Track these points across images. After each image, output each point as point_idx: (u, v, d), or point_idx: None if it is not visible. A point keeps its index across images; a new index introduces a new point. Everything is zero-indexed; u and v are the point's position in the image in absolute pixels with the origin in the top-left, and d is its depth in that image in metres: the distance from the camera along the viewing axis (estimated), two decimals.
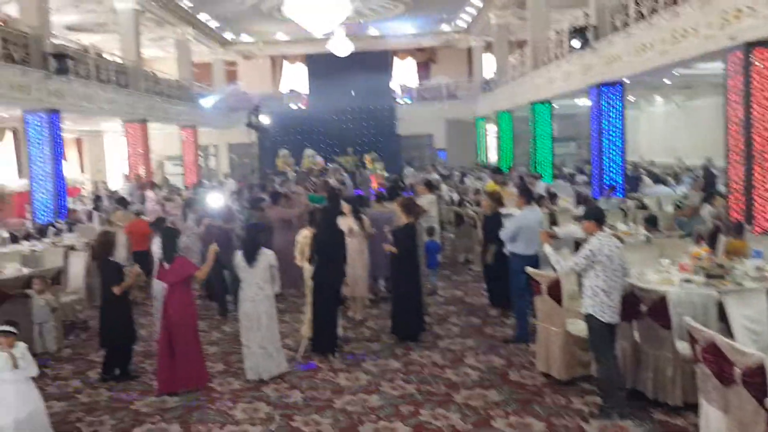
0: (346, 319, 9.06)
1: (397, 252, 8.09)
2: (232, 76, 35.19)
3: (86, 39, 27.07)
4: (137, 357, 8.16)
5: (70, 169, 28.32)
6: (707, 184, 14.91)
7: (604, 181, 16.19)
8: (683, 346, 5.58)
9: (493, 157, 32.03)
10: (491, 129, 31.52)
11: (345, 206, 9.27)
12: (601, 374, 5.81)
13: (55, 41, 17.28)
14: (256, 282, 7.06)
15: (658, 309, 5.81)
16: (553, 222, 11.56)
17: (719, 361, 4.36)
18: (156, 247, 8.46)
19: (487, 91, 28.87)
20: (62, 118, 16.75)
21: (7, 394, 5.29)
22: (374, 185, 13.99)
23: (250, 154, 33.61)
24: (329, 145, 31.94)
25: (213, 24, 28.67)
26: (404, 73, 36.45)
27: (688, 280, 6.29)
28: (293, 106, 33.19)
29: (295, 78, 36.30)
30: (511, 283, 8.44)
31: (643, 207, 13.53)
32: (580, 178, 20.95)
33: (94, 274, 9.56)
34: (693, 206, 10.33)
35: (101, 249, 7.21)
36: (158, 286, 8.32)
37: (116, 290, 7.04)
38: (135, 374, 7.46)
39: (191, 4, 25.32)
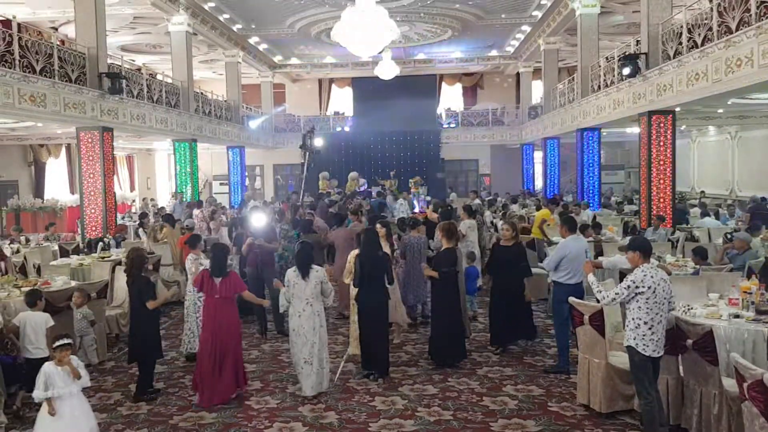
0: None
1: (438, 277, 8.09)
2: (279, 98, 35.81)
3: (140, 59, 27.95)
4: (177, 371, 8.31)
5: (120, 185, 29.10)
6: (755, 216, 14.55)
7: (653, 211, 15.94)
8: (730, 383, 5.44)
9: (538, 184, 31.83)
10: (537, 156, 31.37)
11: (380, 229, 9.35)
12: (643, 409, 5.69)
13: (110, 61, 17.85)
14: (306, 297, 7.30)
15: (705, 344, 5.69)
16: (599, 252, 11.43)
17: (767, 400, 4.25)
18: (189, 263, 8.63)
19: (534, 118, 28.78)
20: (114, 136, 17.26)
21: (74, 408, 5.51)
22: (428, 213, 14.09)
23: (294, 176, 34.13)
24: (373, 167, 32.18)
25: (262, 47, 29.27)
26: (450, 98, 36.60)
27: (736, 315, 6.15)
28: (338, 129, 33.58)
29: (341, 101, 36.79)
30: (553, 312, 8.35)
31: (693, 239, 13.26)
32: (628, 207, 20.67)
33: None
34: (744, 239, 10.09)
35: (132, 264, 7.38)
36: (191, 299, 8.52)
37: (150, 305, 7.19)
38: (154, 396, 7.40)
39: (242, 27, 25.93)
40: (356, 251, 8.33)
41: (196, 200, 20.77)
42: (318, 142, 24.92)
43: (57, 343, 5.56)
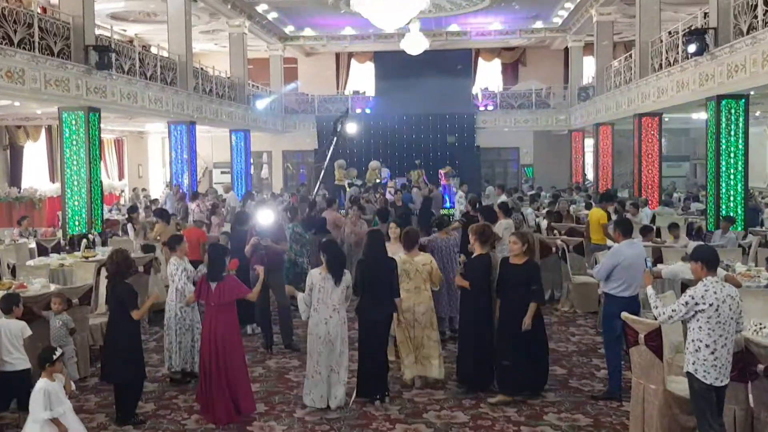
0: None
1: (469, 287, 8.08)
2: (290, 74, 35.96)
3: (132, 29, 28.15)
4: (170, 391, 8.39)
5: (108, 173, 29.38)
6: None
7: (721, 211, 15.79)
8: None
9: (590, 176, 31.66)
10: (588, 144, 31.19)
11: (393, 228, 9.37)
12: None
13: (98, 32, 18.00)
14: (333, 304, 7.57)
15: None
16: (658, 258, 11.36)
17: None
18: (171, 268, 8.68)
19: (584, 100, 28.63)
20: (102, 118, 17.45)
21: (73, 422, 5.92)
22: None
23: (307, 164, 34.28)
24: (397, 155, 32.22)
25: (272, 15, 29.35)
26: (488, 76, 36.51)
27: None
28: (358, 110, 33.66)
29: (362, 78, 36.90)
30: (603, 329, 8.31)
31: None
32: (694, 206, 20.50)
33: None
34: None
35: (116, 269, 7.42)
36: (171, 310, 8.57)
37: (135, 315, 7.27)
38: (143, 419, 7.46)
39: None
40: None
41: (194, 191, 20.93)
42: (351, 128, 24.91)
43: (57, 355, 5.96)
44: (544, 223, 16.58)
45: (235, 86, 28.00)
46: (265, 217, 10.37)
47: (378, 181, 27.69)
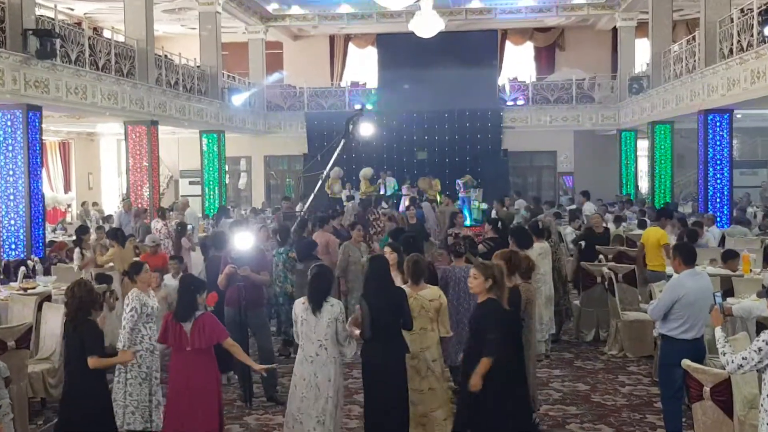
0: None
1: None
2: (275, 62, 36.17)
3: (80, 8, 28.26)
4: None
5: (52, 184, 29.49)
6: None
7: None
8: None
9: (644, 186, 31.67)
10: (642, 146, 31.23)
11: (388, 254, 9.32)
12: None
13: (38, 13, 18.11)
14: (318, 339, 7.61)
15: None
16: (728, 291, 11.32)
17: None
18: (129, 303, 8.64)
19: (637, 93, 28.68)
20: (44, 117, 17.54)
21: None
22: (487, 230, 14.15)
23: (294, 173, 34.37)
24: (405, 161, 32.26)
25: None
26: (517, 63, 36.68)
27: None
28: (356, 107, 33.74)
29: (361, 66, 37.18)
30: (660, 379, 8.33)
31: None
32: None
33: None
34: None
35: (79, 306, 7.36)
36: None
37: (92, 362, 7.17)
38: None
39: None
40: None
41: (162, 208, 20.94)
42: (366, 129, 24.77)
43: None
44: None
45: (206, 78, 28.14)
46: (243, 240, 10.41)
47: (382, 193, 27.72)
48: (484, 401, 7.16)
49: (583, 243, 15.57)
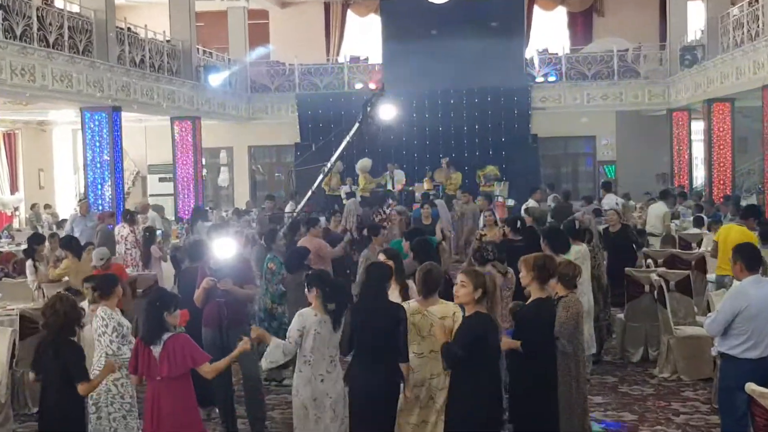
0: None
1: (523, 349, 8.09)
2: (259, 35, 36.15)
3: None
4: None
5: None
6: None
7: None
8: None
9: (700, 175, 31.58)
10: (697, 128, 31.15)
11: (384, 260, 9.37)
12: None
13: None
14: (331, 354, 7.93)
15: None
16: None
17: None
18: (100, 321, 8.64)
19: (690, 66, 28.65)
20: None
21: None
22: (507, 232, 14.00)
23: (284, 166, 34.35)
24: (415, 151, 32.16)
25: None
26: (548, 32, 36.65)
27: None
28: (357, 86, 33.72)
29: (362, 38, 37.18)
30: (720, 404, 8.35)
31: None
32: None
33: (25, 365, 9.91)
34: None
35: (60, 323, 7.44)
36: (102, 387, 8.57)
37: (85, 389, 7.36)
38: None
39: None
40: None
41: (129, 211, 20.86)
42: (387, 112, 24.55)
43: None
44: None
45: (177, 54, 28.14)
46: (224, 248, 10.40)
47: (389, 188, 27.67)
48: None
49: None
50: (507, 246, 12.09)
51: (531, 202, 21.39)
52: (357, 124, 22.78)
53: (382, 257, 9.52)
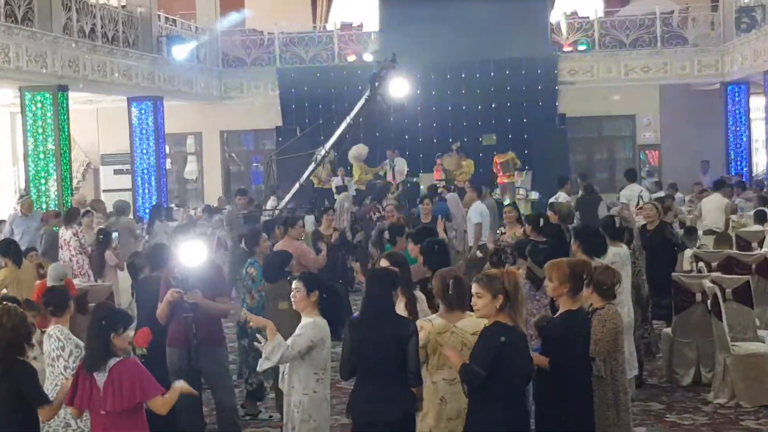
0: None
1: (552, 366, 8.08)
2: None
3: None
4: None
5: None
6: None
7: None
8: None
9: (761, 161, 31.57)
10: (757, 105, 31.13)
11: (385, 264, 9.41)
12: None
13: None
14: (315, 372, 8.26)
15: None
16: None
17: None
18: (54, 343, 8.60)
19: (748, 30, 28.65)
20: None
21: None
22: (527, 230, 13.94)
23: (265, 153, 34.29)
24: (420, 136, 32.09)
25: None
26: None
27: None
28: (350, 59, 33.66)
29: (356, 2, 37.21)
30: None
31: None
32: None
33: None
34: None
35: (9, 339, 7.43)
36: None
37: (47, 414, 7.40)
38: None
39: None
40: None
41: (71, 209, 20.84)
42: (399, 87, 24.08)
43: None
44: (685, 252, 16.51)
45: (134, 22, 28.13)
46: (192, 253, 10.36)
47: (388, 180, 27.63)
48: None
49: None
50: (529, 248, 12.05)
51: (562, 196, 21.22)
52: (362, 101, 22.52)
53: (385, 263, 9.45)
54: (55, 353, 8.43)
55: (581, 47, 33.02)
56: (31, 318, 8.66)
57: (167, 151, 30.65)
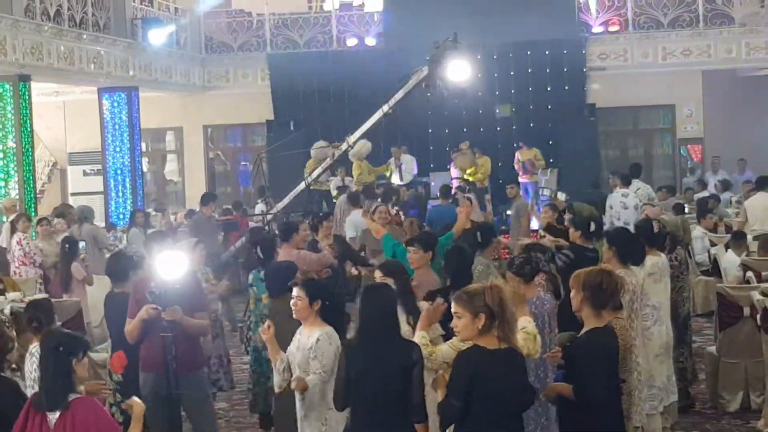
0: None
1: (576, 397, 8.07)
2: None
3: None
4: None
5: None
6: None
7: None
8: None
9: None
10: None
11: (379, 278, 9.52)
12: None
13: None
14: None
15: None
16: None
17: None
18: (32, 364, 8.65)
19: None
20: None
21: None
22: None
23: (253, 151, 34.33)
24: (431, 128, 32.10)
25: None
26: None
27: None
28: (350, 43, 33.69)
29: None
30: None
31: None
32: None
33: None
34: None
35: None
36: None
37: None
38: None
39: None
40: None
41: (23, 215, 20.84)
42: (459, 70, 23.67)
43: None
44: (732, 260, 16.47)
45: (105, 3, 28.13)
46: (171, 264, 10.35)
47: (395, 180, 27.66)
48: None
49: None
50: (577, 256, 12.02)
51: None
52: (406, 88, 22.07)
53: (378, 275, 9.45)
54: (37, 374, 8.41)
55: (613, 28, 32.98)
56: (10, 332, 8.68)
57: (143, 148, 30.66)
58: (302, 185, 22.46)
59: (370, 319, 7.95)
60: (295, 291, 8.61)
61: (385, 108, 21.30)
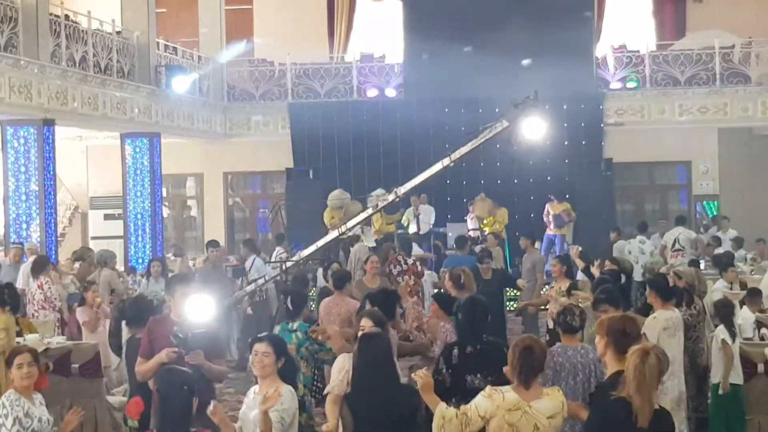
0: None
1: None
2: (240, 24, 36.36)
3: None
4: None
5: None
6: None
7: None
8: None
9: None
10: None
11: (369, 326, 9.39)
12: None
13: None
14: None
15: None
16: None
17: None
18: (11, 408, 8.58)
19: None
20: None
21: None
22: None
23: (272, 198, 34.30)
24: (448, 178, 32.05)
25: None
26: (625, 23, 36.64)
27: None
28: (370, 94, 33.67)
29: (377, 29, 37.27)
30: None
31: None
32: None
33: None
34: None
35: None
36: None
37: None
38: None
39: None
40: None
41: (41, 258, 20.76)
42: (535, 128, 23.18)
43: None
44: (746, 316, 16.38)
45: (130, 50, 28.23)
46: (199, 308, 10.30)
47: (414, 231, 27.58)
48: None
49: None
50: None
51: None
52: (474, 140, 21.89)
53: (367, 323, 9.44)
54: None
55: (630, 84, 32.98)
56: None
57: (164, 194, 30.63)
58: (334, 233, 22.20)
59: (368, 367, 7.92)
60: (263, 346, 8.46)
61: (446, 161, 21.12)
